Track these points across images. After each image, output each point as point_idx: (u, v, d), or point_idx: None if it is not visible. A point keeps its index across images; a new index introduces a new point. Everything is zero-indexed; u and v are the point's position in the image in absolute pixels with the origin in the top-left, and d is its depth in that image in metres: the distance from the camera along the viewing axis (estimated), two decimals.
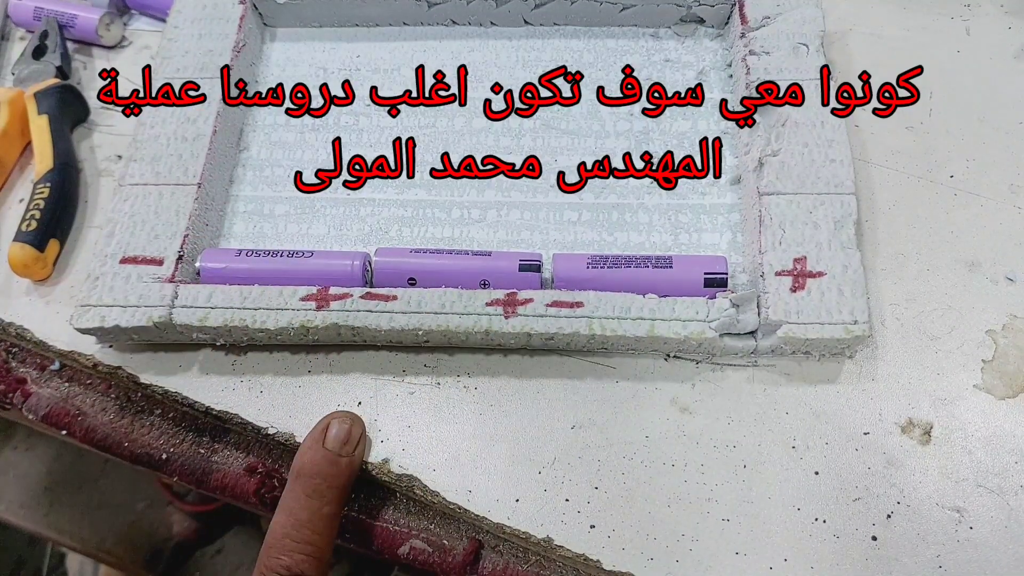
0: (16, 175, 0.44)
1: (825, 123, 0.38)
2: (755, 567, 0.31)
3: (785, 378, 0.35)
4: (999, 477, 0.33)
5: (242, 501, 0.37)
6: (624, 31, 0.45)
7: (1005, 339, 0.35)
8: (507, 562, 0.34)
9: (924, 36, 0.44)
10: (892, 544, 0.32)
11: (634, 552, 0.32)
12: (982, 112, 0.41)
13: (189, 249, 0.37)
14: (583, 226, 0.39)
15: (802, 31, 0.40)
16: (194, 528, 0.78)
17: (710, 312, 0.34)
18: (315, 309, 0.35)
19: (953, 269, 0.37)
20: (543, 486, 0.33)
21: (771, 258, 0.35)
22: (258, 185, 0.42)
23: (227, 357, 0.37)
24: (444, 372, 0.36)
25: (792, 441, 0.34)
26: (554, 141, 0.42)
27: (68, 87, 0.45)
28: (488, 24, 0.45)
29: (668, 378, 0.35)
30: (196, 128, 0.40)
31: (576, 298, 0.34)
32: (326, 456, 0.32)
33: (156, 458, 0.37)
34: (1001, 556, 0.31)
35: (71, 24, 0.47)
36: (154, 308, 0.35)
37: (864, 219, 0.39)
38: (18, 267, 0.39)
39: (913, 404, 0.34)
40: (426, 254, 0.36)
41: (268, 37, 0.46)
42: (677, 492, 0.33)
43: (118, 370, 0.37)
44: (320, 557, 0.31)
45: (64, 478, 0.77)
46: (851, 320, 0.33)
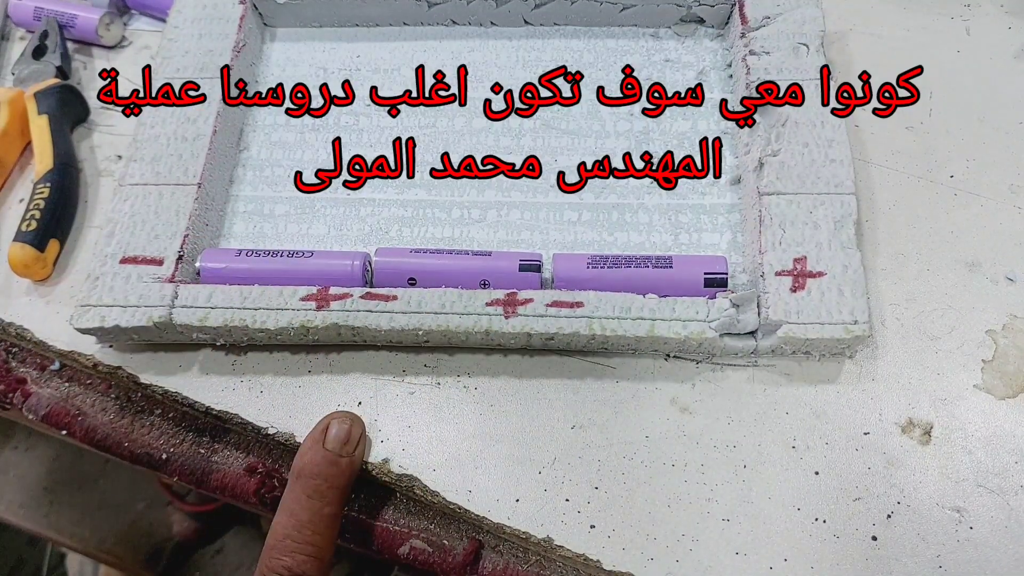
0: (16, 175, 0.44)
1: (825, 123, 0.38)
2: (755, 567, 0.31)
3: (785, 378, 0.35)
4: (999, 477, 0.33)
5: (242, 501, 0.37)
6: (624, 31, 0.45)
7: (1005, 339, 0.35)
8: (507, 562, 0.34)
9: (924, 36, 0.44)
10: (892, 544, 0.32)
11: (634, 552, 0.32)
12: (982, 112, 0.41)
13: (189, 249, 0.37)
14: (583, 226, 0.39)
15: (802, 31, 0.40)
16: (194, 528, 0.78)
17: (710, 312, 0.34)
18: (315, 309, 0.35)
19: (953, 269, 0.37)
20: (543, 486, 0.33)
21: (771, 258, 0.35)
22: (258, 185, 0.42)
23: (227, 357, 0.37)
24: (444, 372, 0.36)
25: (792, 441, 0.34)
26: (554, 141, 0.42)
27: (68, 87, 0.45)
28: (488, 24, 0.45)
29: (668, 378, 0.35)
30: (196, 128, 0.40)
31: (576, 298, 0.34)
32: (326, 456, 0.32)
33: (156, 458, 0.37)
34: (1001, 556, 0.31)
35: (71, 24, 0.47)
36: (154, 308, 0.35)
37: (864, 219, 0.39)
38: (18, 267, 0.39)
39: (913, 404, 0.34)
40: (426, 254, 0.36)
41: (268, 37, 0.46)
42: (677, 492, 0.33)
43: (118, 370, 0.37)
44: (321, 558, 0.31)
45: (64, 478, 0.77)
46: (851, 320, 0.33)
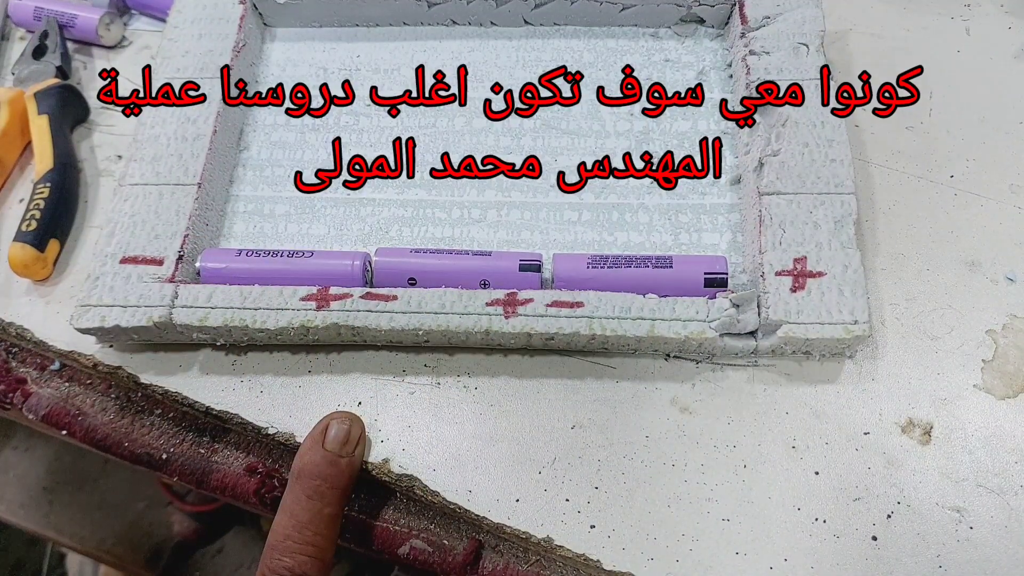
0: (16, 175, 0.44)
1: (825, 123, 0.38)
2: (755, 567, 0.31)
3: (785, 378, 0.35)
4: (999, 477, 0.33)
5: (242, 501, 0.37)
6: (624, 31, 0.45)
7: (1005, 339, 0.35)
8: (507, 562, 0.34)
9: (924, 36, 0.44)
10: (892, 544, 0.32)
11: (634, 552, 0.32)
12: (982, 112, 0.41)
13: (189, 249, 0.37)
14: (583, 226, 0.39)
15: (802, 31, 0.40)
16: (194, 528, 0.78)
17: (710, 312, 0.34)
18: (315, 309, 0.35)
19: (953, 269, 0.37)
20: (543, 486, 0.33)
21: (771, 258, 0.35)
22: (258, 185, 0.42)
23: (227, 357, 0.37)
24: (444, 372, 0.36)
25: (792, 441, 0.34)
26: (554, 141, 0.42)
27: (68, 87, 0.45)
28: (488, 24, 0.45)
29: (668, 378, 0.35)
30: (196, 128, 0.40)
31: (576, 298, 0.34)
32: (326, 457, 0.32)
33: (156, 458, 0.37)
34: (1001, 556, 0.31)
35: (71, 24, 0.47)
36: (154, 308, 0.35)
37: (864, 219, 0.39)
38: (18, 267, 0.39)
39: (913, 404, 0.34)
40: (426, 254, 0.36)
41: (268, 37, 0.46)
42: (677, 492, 0.33)
43: (118, 370, 0.37)
44: (322, 558, 0.31)
45: (64, 478, 0.77)
46: (851, 320, 0.33)
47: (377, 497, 0.36)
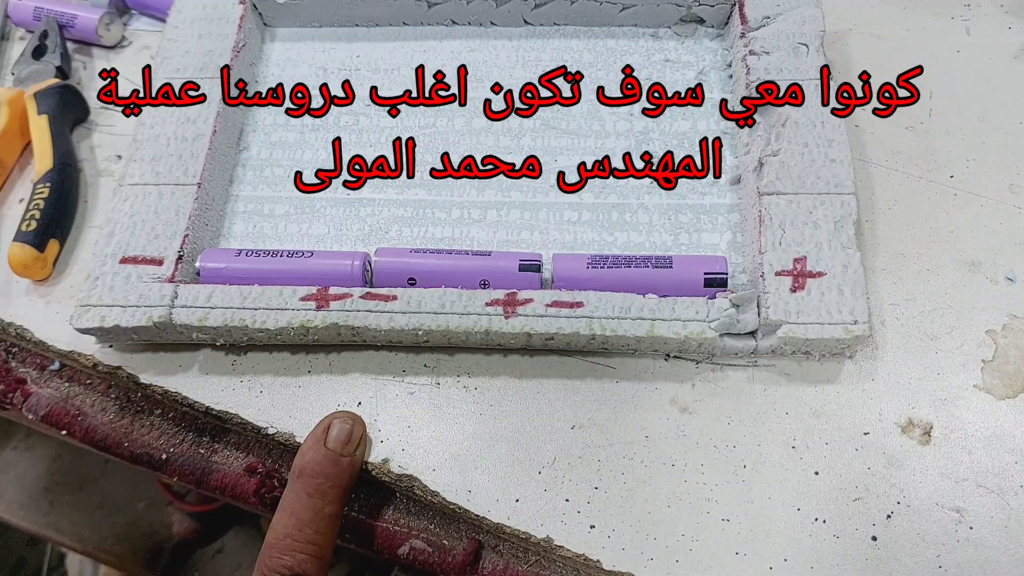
0: (16, 175, 0.44)
1: (825, 123, 0.38)
2: (755, 567, 0.31)
3: (785, 378, 0.35)
4: (999, 477, 0.33)
5: (242, 501, 0.37)
6: (624, 31, 0.45)
7: (1005, 339, 0.35)
8: (507, 562, 0.34)
9: (924, 36, 0.44)
10: (892, 544, 0.32)
11: (634, 552, 0.32)
12: (982, 112, 0.41)
13: (189, 249, 0.37)
14: (583, 226, 0.39)
15: (802, 31, 0.40)
16: (194, 528, 0.78)
17: (710, 312, 0.34)
18: (315, 309, 0.35)
19: (953, 269, 0.37)
20: (543, 486, 0.33)
21: (771, 258, 0.35)
22: (258, 185, 0.42)
23: (227, 357, 0.37)
24: (444, 372, 0.36)
25: (792, 441, 0.34)
26: (554, 141, 0.42)
27: (68, 87, 0.45)
28: (488, 24, 0.45)
29: (668, 378, 0.35)
30: (196, 128, 0.40)
31: (576, 298, 0.34)
32: (328, 456, 0.32)
33: (156, 458, 0.37)
34: (1001, 556, 0.31)
35: (71, 24, 0.47)
36: (154, 308, 0.35)
37: (864, 219, 0.39)
38: (18, 267, 0.39)
39: (913, 404, 0.34)
40: (426, 254, 0.36)
41: (268, 37, 0.46)
42: (677, 492, 0.33)
43: (118, 370, 0.37)
44: (322, 557, 0.31)
45: (64, 478, 0.77)
46: (851, 320, 0.33)
47: (377, 497, 0.36)
